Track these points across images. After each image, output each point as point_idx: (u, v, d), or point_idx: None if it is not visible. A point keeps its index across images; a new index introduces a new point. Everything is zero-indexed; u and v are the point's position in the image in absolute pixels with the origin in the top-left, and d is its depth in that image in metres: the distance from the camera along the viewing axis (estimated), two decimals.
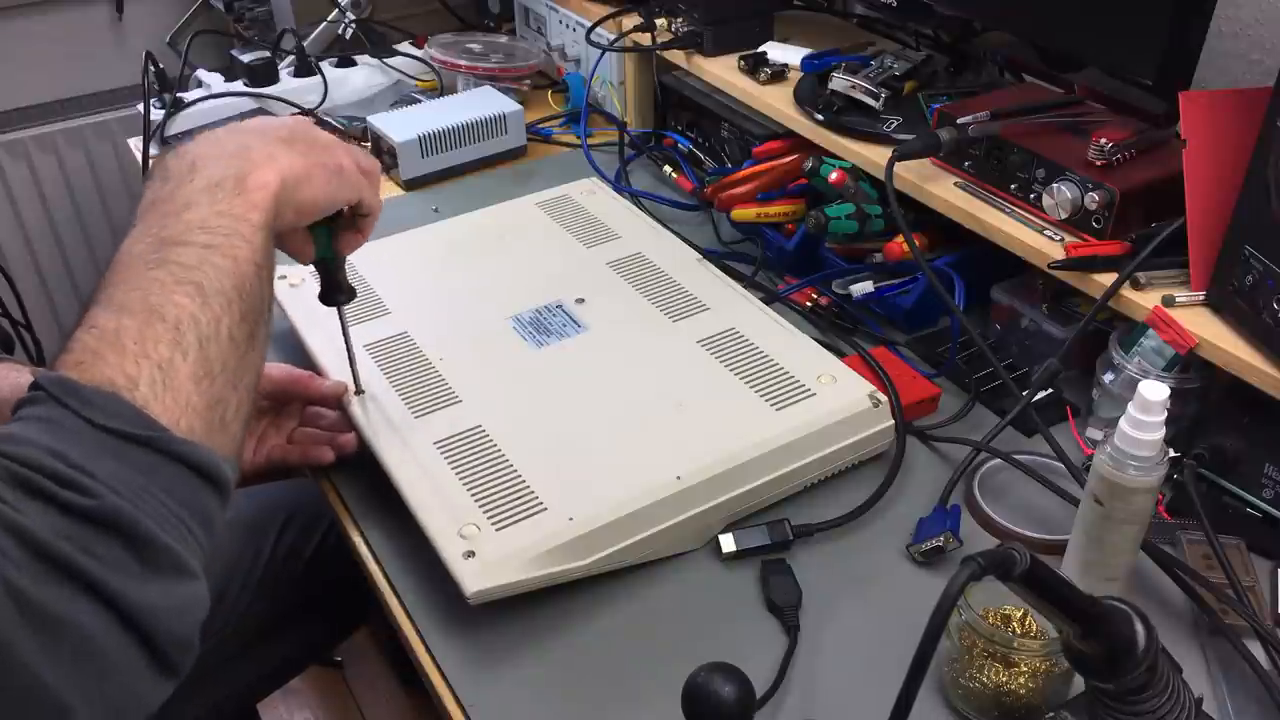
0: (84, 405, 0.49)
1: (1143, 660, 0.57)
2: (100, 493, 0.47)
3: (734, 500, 0.79)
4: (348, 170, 0.71)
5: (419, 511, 0.75)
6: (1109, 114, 0.96)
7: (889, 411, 0.85)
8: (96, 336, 0.53)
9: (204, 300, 0.56)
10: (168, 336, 0.54)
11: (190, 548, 0.51)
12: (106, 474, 0.48)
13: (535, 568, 0.71)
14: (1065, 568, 0.73)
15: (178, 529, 0.50)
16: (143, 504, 0.49)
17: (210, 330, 0.56)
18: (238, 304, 0.58)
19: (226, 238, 0.59)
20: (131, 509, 0.48)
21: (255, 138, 0.66)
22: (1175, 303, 0.81)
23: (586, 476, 0.77)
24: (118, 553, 0.47)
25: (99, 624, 0.46)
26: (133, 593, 0.47)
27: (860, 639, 0.74)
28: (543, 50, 1.51)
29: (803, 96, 1.12)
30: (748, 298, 0.97)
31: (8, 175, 1.70)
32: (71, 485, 0.47)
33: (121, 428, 0.50)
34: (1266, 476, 0.78)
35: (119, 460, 0.49)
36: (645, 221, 1.10)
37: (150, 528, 0.48)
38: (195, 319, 0.55)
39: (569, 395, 0.86)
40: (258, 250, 0.60)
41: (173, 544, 0.49)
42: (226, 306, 0.57)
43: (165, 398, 0.52)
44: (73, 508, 0.46)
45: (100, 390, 0.51)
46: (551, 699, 0.70)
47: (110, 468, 0.48)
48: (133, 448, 0.50)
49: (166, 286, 0.55)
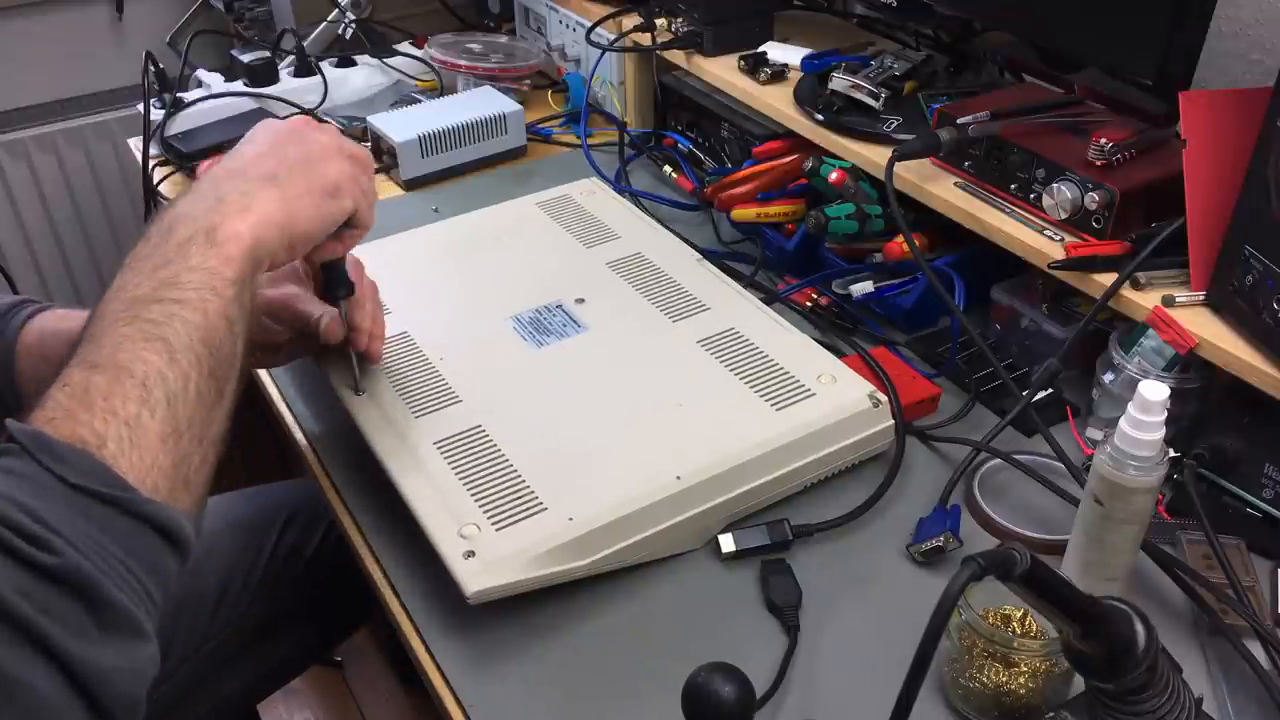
0: (56, 462, 0.50)
1: (1143, 660, 0.57)
2: (65, 551, 0.47)
3: (734, 500, 0.79)
4: (343, 186, 0.71)
5: (419, 512, 0.75)
6: (1109, 114, 0.96)
7: (889, 411, 0.85)
8: (68, 393, 0.53)
9: (172, 357, 0.56)
10: (135, 394, 0.54)
11: (146, 610, 0.51)
12: (73, 533, 0.48)
13: (535, 568, 0.71)
14: (1065, 568, 0.73)
15: (136, 591, 0.50)
16: (106, 565, 0.49)
17: (178, 387, 0.56)
18: (207, 360, 0.58)
19: (197, 292, 0.59)
20: (93, 569, 0.48)
21: (234, 185, 0.66)
22: (1175, 303, 0.81)
23: (586, 477, 0.77)
24: (76, 613, 0.47)
25: (50, 685, 0.46)
26: (86, 655, 0.47)
27: (860, 639, 0.74)
28: (543, 50, 1.51)
29: (803, 96, 1.12)
30: (747, 298, 0.97)
31: (8, 175, 1.70)
32: (36, 542, 0.47)
33: (92, 486, 0.50)
34: (1266, 476, 0.78)
35: (87, 519, 0.49)
36: (645, 222, 1.10)
37: (110, 590, 0.48)
38: (163, 376, 0.55)
39: (569, 395, 0.86)
40: (229, 304, 0.60)
41: (131, 607, 0.49)
42: (195, 363, 0.57)
43: (132, 455, 0.53)
44: (36, 564, 0.46)
45: (73, 447, 0.51)
46: (551, 699, 0.70)
47: (78, 527, 0.49)
48: (101, 507, 0.50)
49: (135, 343, 0.55)
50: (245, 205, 0.64)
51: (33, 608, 0.46)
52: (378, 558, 0.80)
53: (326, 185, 0.70)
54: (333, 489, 0.87)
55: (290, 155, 0.69)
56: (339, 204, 0.71)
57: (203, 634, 0.99)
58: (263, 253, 0.64)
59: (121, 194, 1.80)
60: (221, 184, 0.66)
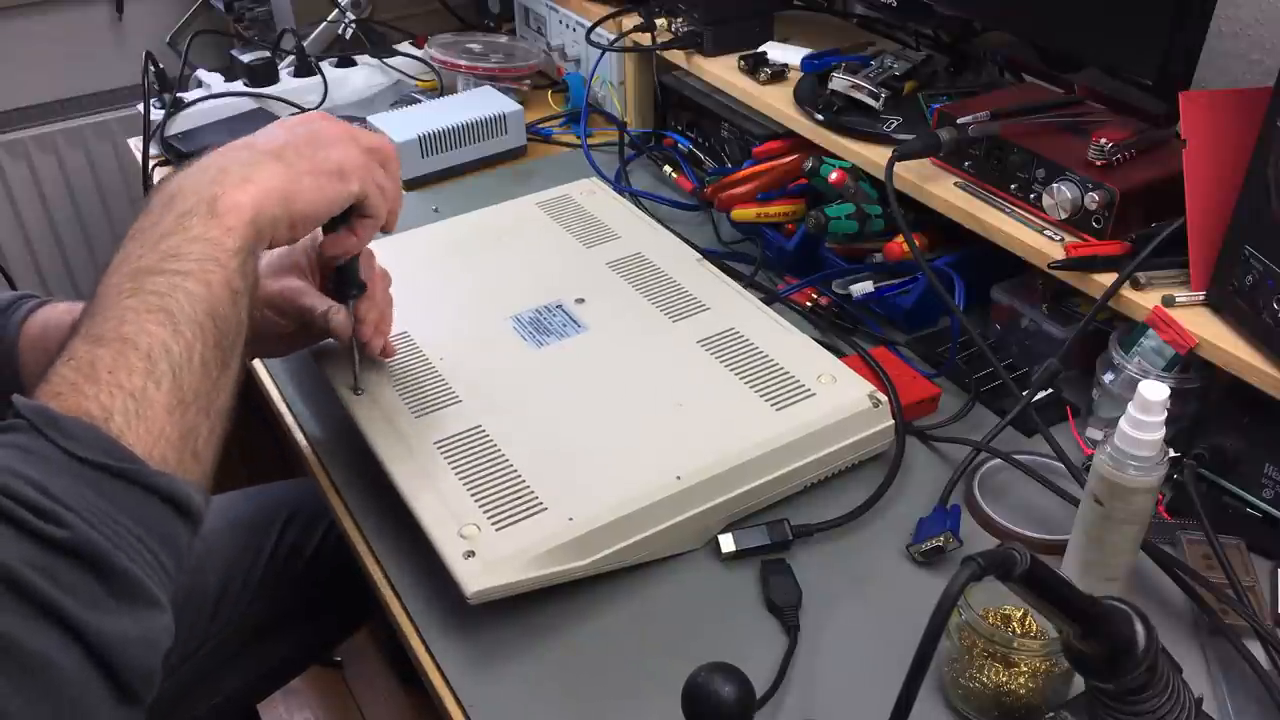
0: (63, 436, 0.50)
1: (1143, 660, 0.57)
2: (75, 524, 0.47)
3: (733, 500, 0.79)
4: (349, 169, 0.70)
5: (419, 512, 0.75)
6: (1109, 114, 0.96)
7: (889, 411, 0.85)
8: (73, 368, 0.53)
9: (175, 328, 0.55)
10: (141, 366, 0.54)
11: (160, 580, 0.51)
12: (83, 506, 0.48)
13: (535, 568, 0.71)
14: (1065, 568, 0.73)
15: (149, 561, 0.50)
16: (116, 536, 0.49)
17: (183, 358, 0.55)
18: (211, 330, 0.57)
19: (199, 263, 0.58)
20: (104, 540, 0.48)
21: (238, 156, 0.65)
22: (1175, 303, 0.81)
23: (586, 476, 0.77)
24: (89, 585, 0.47)
25: (66, 657, 0.46)
26: (102, 625, 0.47)
27: (860, 639, 0.74)
28: (543, 50, 1.51)
29: (803, 96, 1.12)
30: (747, 297, 0.97)
31: (8, 175, 1.71)
32: (47, 516, 0.47)
33: (100, 459, 0.50)
34: (1266, 476, 0.78)
35: (96, 492, 0.49)
36: (645, 222, 1.10)
37: (122, 560, 0.48)
38: (167, 347, 0.55)
39: (569, 395, 0.86)
40: (233, 274, 0.59)
41: (143, 577, 0.49)
42: (199, 334, 0.56)
43: (139, 428, 0.52)
44: (46, 538, 0.46)
45: (80, 421, 0.51)
46: (551, 699, 0.70)
47: (87, 500, 0.48)
48: (110, 480, 0.50)
49: (139, 315, 0.55)
50: (246, 176, 0.63)
51: (46, 580, 0.46)
52: (378, 558, 0.80)
53: (331, 166, 0.69)
54: (333, 489, 0.87)
55: (298, 135, 0.69)
56: (345, 186, 0.70)
57: (203, 633, 0.99)
58: (264, 223, 0.63)
59: (121, 194, 1.80)
60: (225, 155, 0.65)
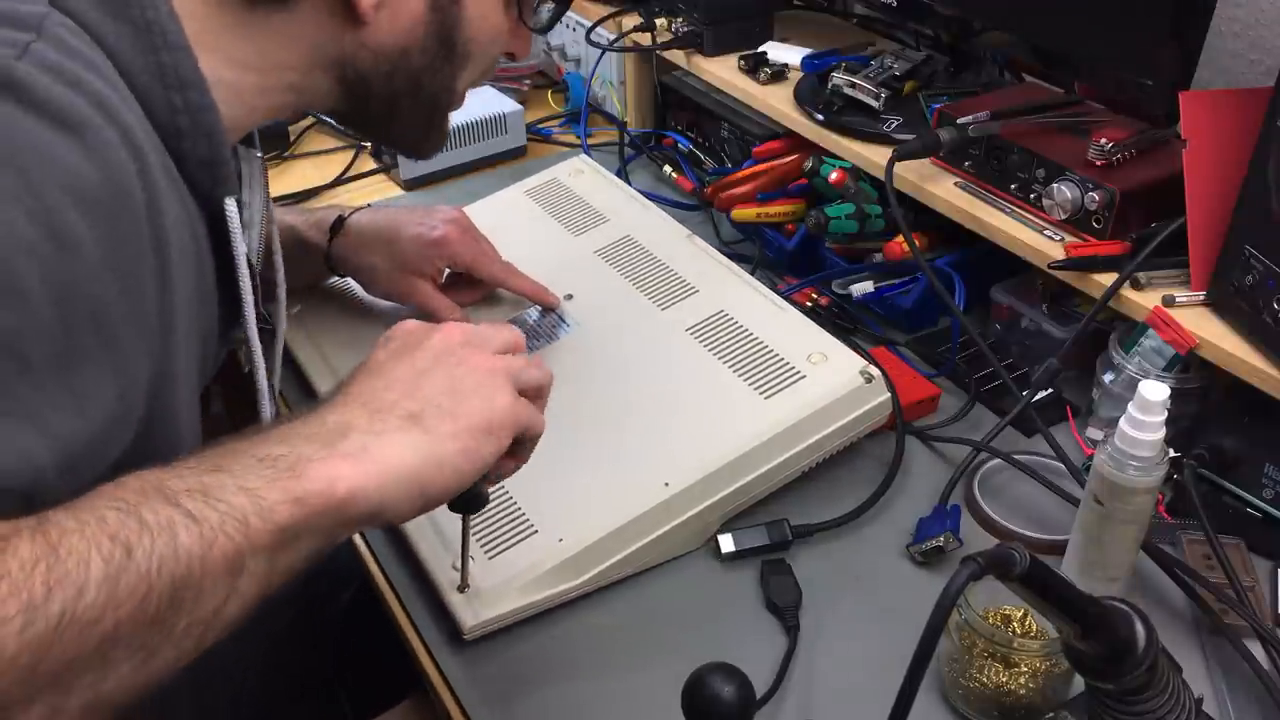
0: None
1: (1143, 660, 0.56)
2: None
3: (727, 498, 0.79)
4: (498, 421, 0.58)
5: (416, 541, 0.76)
6: (1109, 114, 0.96)
7: (883, 385, 0.84)
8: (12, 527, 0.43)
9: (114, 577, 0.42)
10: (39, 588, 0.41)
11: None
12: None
13: (531, 593, 0.72)
14: (1065, 568, 0.73)
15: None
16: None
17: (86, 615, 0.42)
18: (155, 604, 0.44)
19: (220, 516, 0.46)
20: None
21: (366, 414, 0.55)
22: (1175, 303, 0.81)
23: (575, 493, 0.77)
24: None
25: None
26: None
27: (860, 639, 0.73)
28: (543, 50, 1.51)
29: (803, 96, 1.12)
30: (735, 272, 0.96)
31: None
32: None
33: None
34: (1266, 476, 0.78)
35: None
36: (635, 200, 1.09)
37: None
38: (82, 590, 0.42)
39: (556, 407, 0.84)
40: (249, 553, 0.47)
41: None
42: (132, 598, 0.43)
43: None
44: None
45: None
46: (551, 699, 0.70)
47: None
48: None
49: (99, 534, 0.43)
50: (365, 446, 0.53)
51: None
52: (379, 559, 0.80)
53: (478, 422, 0.57)
54: None
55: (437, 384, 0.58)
56: (494, 447, 0.58)
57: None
58: (356, 512, 0.51)
59: None
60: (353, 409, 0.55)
